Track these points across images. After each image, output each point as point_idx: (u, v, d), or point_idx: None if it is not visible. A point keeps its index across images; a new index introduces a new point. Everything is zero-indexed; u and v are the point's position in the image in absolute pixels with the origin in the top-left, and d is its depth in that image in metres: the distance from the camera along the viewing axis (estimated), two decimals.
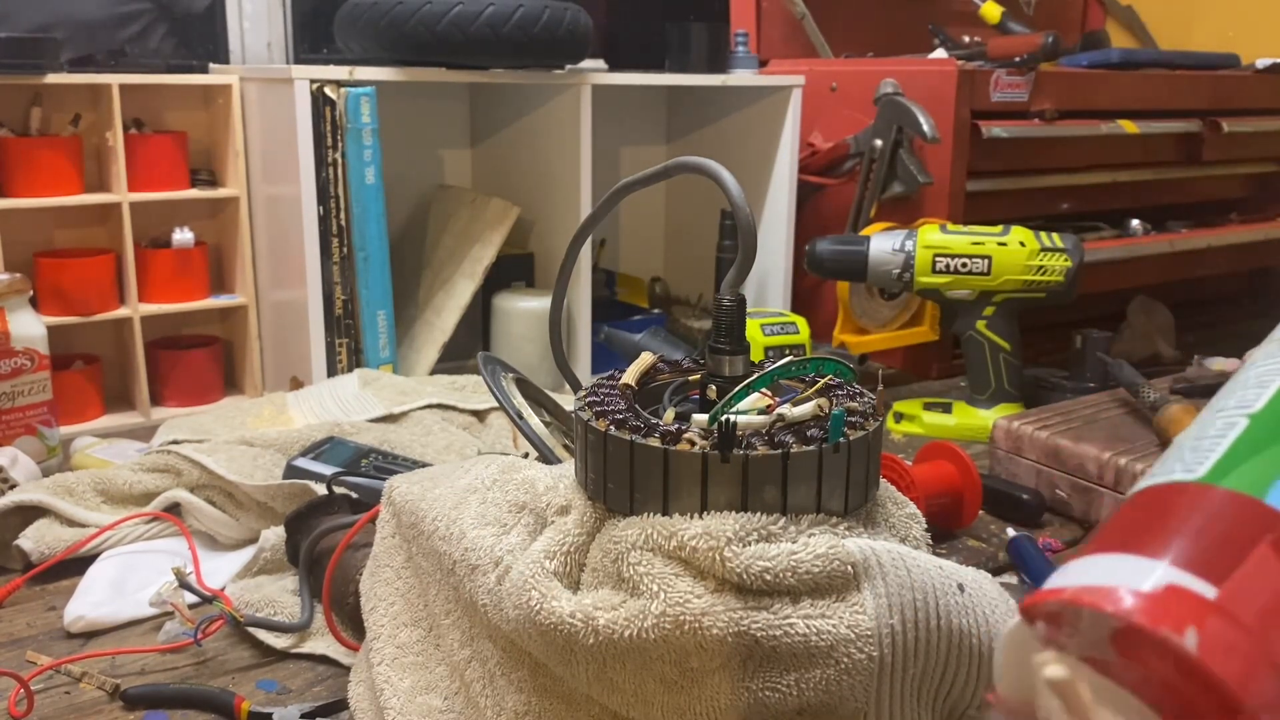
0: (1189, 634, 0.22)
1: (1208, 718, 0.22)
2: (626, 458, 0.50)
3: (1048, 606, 0.25)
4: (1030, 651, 0.26)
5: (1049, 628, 0.25)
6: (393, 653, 0.63)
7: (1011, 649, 0.27)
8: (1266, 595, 0.23)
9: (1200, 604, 0.23)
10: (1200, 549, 0.24)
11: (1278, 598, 0.23)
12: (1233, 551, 0.24)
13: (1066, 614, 0.24)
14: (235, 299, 1.43)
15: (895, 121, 1.45)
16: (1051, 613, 0.25)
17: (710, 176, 0.57)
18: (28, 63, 1.23)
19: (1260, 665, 0.22)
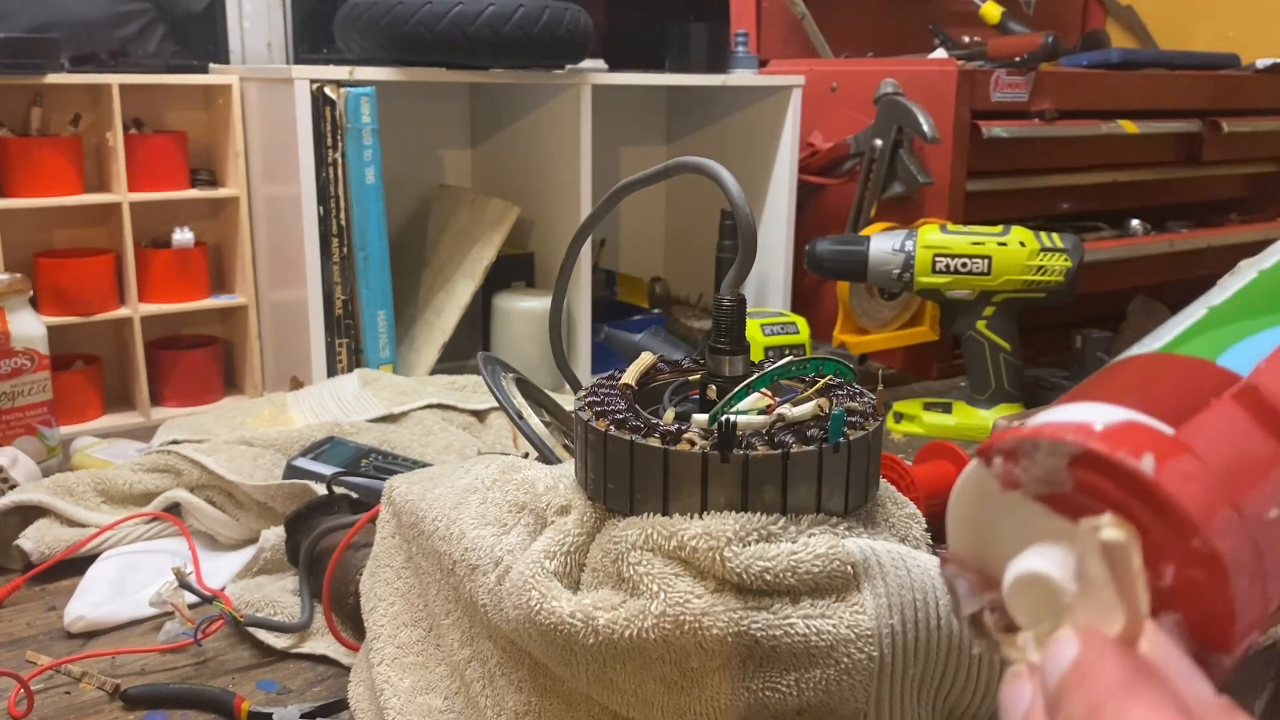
0: (1146, 459, 0.23)
1: (1164, 548, 0.22)
2: (626, 458, 0.50)
3: (1005, 443, 0.25)
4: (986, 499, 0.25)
5: (1006, 464, 0.25)
6: (393, 653, 0.63)
7: (965, 500, 0.27)
8: (1226, 440, 0.24)
9: (1158, 436, 0.23)
10: (1158, 397, 0.25)
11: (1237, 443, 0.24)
12: (1190, 401, 0.25)
13: (1024, 447, 0.24)
14: (235, 299, 1.43)
15: (895, 121, 1.45)
16: (1009, 449, 0.25)
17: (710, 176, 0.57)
18: (27, 62, 1.23)
19: (1217, 499, 0.23)
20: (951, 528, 0.27)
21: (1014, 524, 0.25)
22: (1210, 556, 0.22)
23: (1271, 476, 0.24)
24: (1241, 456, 0.24)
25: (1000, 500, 0.25)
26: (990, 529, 0.26)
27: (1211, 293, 0.32)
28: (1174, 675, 0.22)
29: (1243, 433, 0.24)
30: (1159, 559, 0.23)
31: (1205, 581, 0.22)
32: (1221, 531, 0.22)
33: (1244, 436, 0.24)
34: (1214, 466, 0.23)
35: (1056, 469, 0.24)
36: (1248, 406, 0.25)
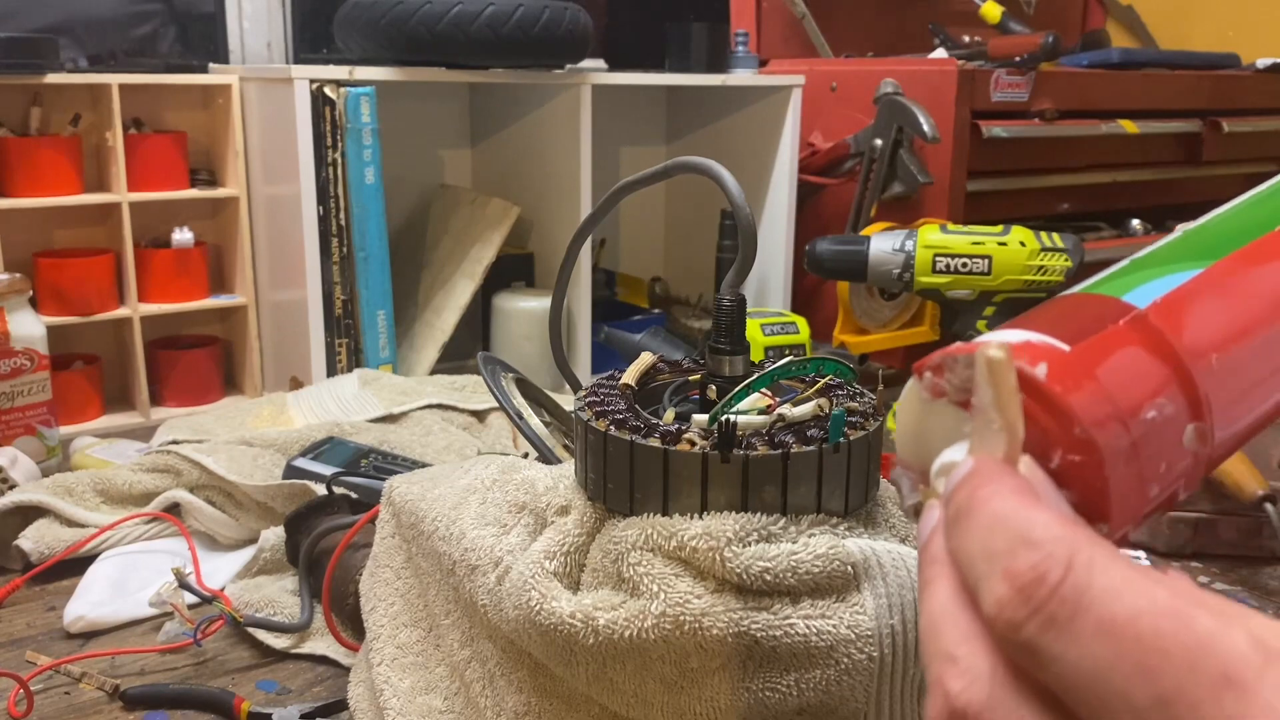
0: (1040, 367, 0.27)
1: (1051, 437, 0.27)
2: (626, 458, 0.50)
3: (933, 360, 0.30)
4: (920, 408, 0.31)
5: (933, 376, 0.30)
6: (393, 653, 0.63)
7: (905, 410, 0.31)
8: (1111, 354, 0.29)
9: (1054, 351, 0.28)
10: (1065, 325, 0.30)
11: (1121, 357, 0.29)
12: (1091, 328, 0.30)
13: (947, 362, 0.30)
14: (235, 299, 1.43)
15: (895, 121, 1.45)
16: (935, 364, 0.30)
17: (710, 176, 0.57)
18: (27, 63, 1.23)
19: (1097, 398, 0.27)
20: (897, 436, 0.32)
21: (942, 427, 0.30)
22: (1087, 442, 0.27)
23: (1149, 385, 0.29)
24: (1123, 367, 0.28)
25: (931, 408, 0.30)
26: (925, 433, 0.31)
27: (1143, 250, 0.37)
28: (1042, 491, 0.26)
29: (1127, 350, 0.29)
30: (1049, 446, 0.27)
31: (1084, 463, 0.27)
32: (1097, 423, 0.27)
33: (1129, 352, 0.29)
34: (1097, 373, 0.28)
35: (971, 377, 0.28)
36: (1136, 329, 0.30)
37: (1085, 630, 0.21)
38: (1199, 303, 0.31)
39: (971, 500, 0.25)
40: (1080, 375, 0.27)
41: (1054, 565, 0.22)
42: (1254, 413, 0.32)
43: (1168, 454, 0.29)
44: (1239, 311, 0.32)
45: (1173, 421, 0.29)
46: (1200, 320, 0.31)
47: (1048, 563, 0.22)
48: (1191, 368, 0.29)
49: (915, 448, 0.31)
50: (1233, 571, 0.90)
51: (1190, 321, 0.30)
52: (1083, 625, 0.21)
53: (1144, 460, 0.28)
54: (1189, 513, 0.92)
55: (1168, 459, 0.29)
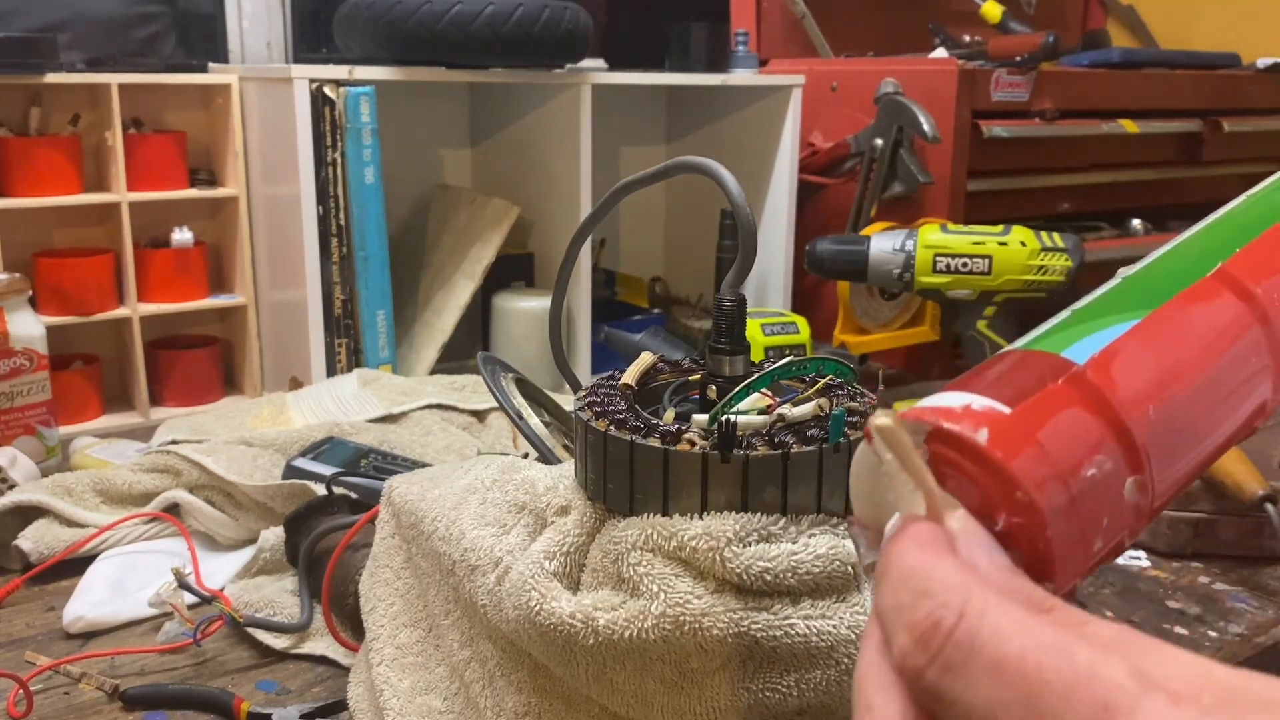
0: (981, 432, 0.28)
1: (995, 500, 0.28)
2: (626, 458, 0.50)
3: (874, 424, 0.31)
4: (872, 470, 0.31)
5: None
6: (392, 653, 0.62)
7: (858, 471, 0.32)
8: (1051, 415, 0.30)
9: (996, 415, 0.29)
10: (1006, 385, 0.31)
11: (1061, 417, 0.29)
12: (1029, 386, 0.31)
13: None
14: (234, 299, 1.43)
15: (896, 121, 1.45)
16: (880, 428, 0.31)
17: (710, 176, 0.57)
18: (27, 62, 1.23)
19: (1038, 460, 0.28)
20: (853, 496, 0.33)
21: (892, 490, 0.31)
22: (1029, 505, 0.28)
23: (1087, 443, 0.30)
24: (1062, 427, 0.29)
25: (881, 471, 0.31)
26: (878, 494, 0.31)
27: (1084, 298, 0.38)
28: (974, 545, 0.27)
29: (1066, 410, 0.30)
30: (993, 509, 0.28)
31: (1027, 525, 0.28)
32: (1038, 485, 0.28)
33: (1069, 412, 0.30)
34: (1037, 436, 0.29)
35: (918, 444, 0.29)
36: (1074, 387, 0.30)
37: (978, 671, 0.23)
38: (1133, 354, 0.32)
39: (887, 558, 0.27)
40: (1020, 439, 0.28)
41: (948, 613, 0.24)
42: (1193, 457, 0.33)
43: (1109, 509, 0.30)
44: (1172, 359, 0.33)
45: (1113, 476, 0.30)
46: (1135, 372, 0.32)
47: (942, 611, 0.24)
48: (1129, 422, 0.30)
49: (870, 506, 0.32)
50: (1233, 572, 0.90)
51: (1126, 375, 0.31)
52: (975, 667, 0.23)
53: (1085, 517, 0.29)
54: (1189, 513, 0.92)
55: (1110, 513, 0.30)
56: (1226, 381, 0.34)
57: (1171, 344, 0.33)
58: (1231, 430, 0.35)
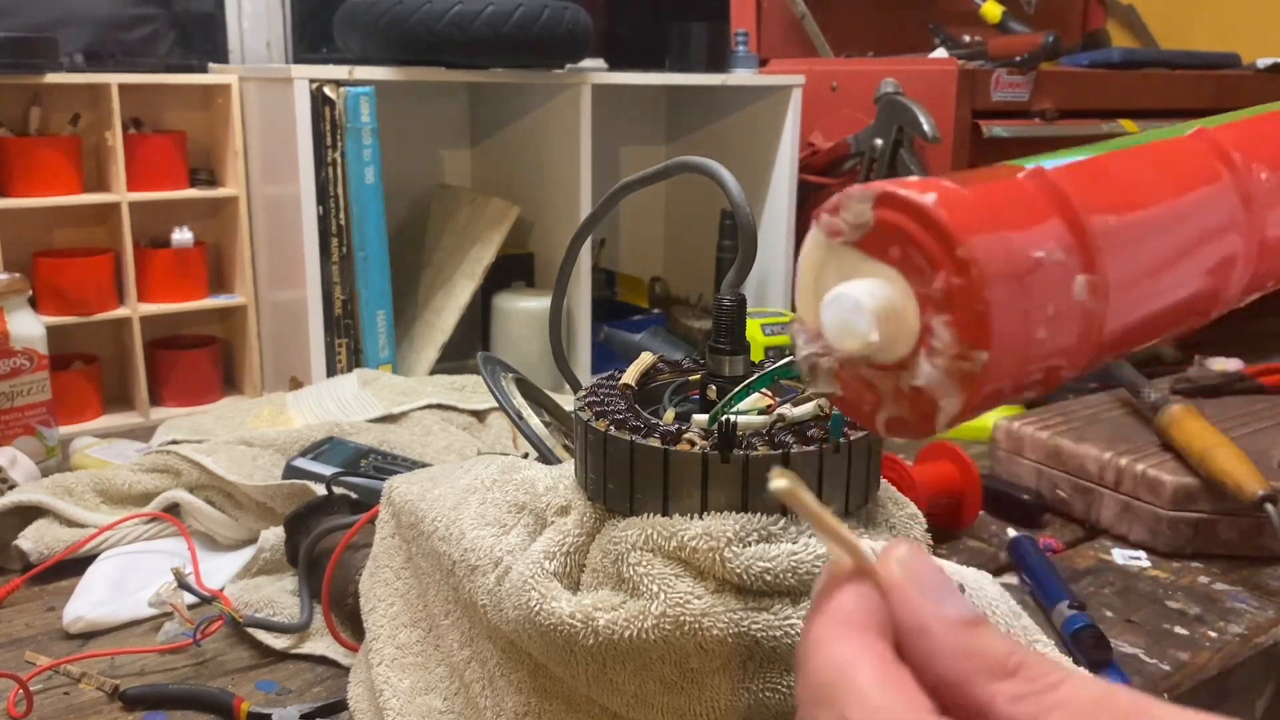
0: (929, 195, 0.28)
1: (935, 259, 0.27)
2: (626, 458, 0.50)
3: (830, 201, 0.30)
4: (820, 256, 0.31)
5: (830, 217, 0.30)
6: (392, 653, 0.62)
7: (807, 262, 0.32)
8: (1005, 198, 0.29)
9: (946, 187, 0.29)
10: (961, 179, 0.30)
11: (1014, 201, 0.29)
12: (990, 179, 0.30)
13: (843, 200, 0.30)
14: (234, 299, 1.43)
15: (896, 121, 1.45)
16: (833, 204, 0.30)
17: (710, 176, 0.57)
18: (26, 62, 1.23)
19: (982, 225, 0.27)
20: (798, 293, 0.32)
21: (838, 270, 0.30)
22: (967, 262, 0.27)
23: (1039, 226, 0.29)
24: (1015, 209, 0.29)
25: (829, 252, 0.31)
26: (823, 278, 0.31)
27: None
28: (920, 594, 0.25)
29: (1022, 193, 0.30)
30: (934, 268, 0.28)
31: (965, 285, 0.27)
32: (980, 247, 0.27)
33: (1022, 196, 0.30)
34: (986, 208, 0.28)
35: (864, 211, 0.29)
36: (1034, 180, 0.30)
37: None
38: (1098, 168, 0.32)
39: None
40: (968, 206, 0.28)
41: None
42: (1156, 292, 0.32)
43: (1056, 299, 0.29)
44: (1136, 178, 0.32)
45: (1062, 266, 0.29)
46: (1097, 182, 0.31)
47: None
48: (1083, 216, 0.30)
49: (814, 297, 0.31)
50: (1234, 572, 0.90)
51: (1085, 180, 0.31)
52: None
53: (1030, 297, 0.28)
54: (1189, 513, 0.92)
55: (1056, 304, 0.29)
56: (1192, 219, 0.33)
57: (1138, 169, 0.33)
58: (1198, 280, 0.34)
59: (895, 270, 0.29)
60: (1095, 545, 0.96)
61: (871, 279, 0.29)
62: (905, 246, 0.28)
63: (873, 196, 0.29)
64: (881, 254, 0.29)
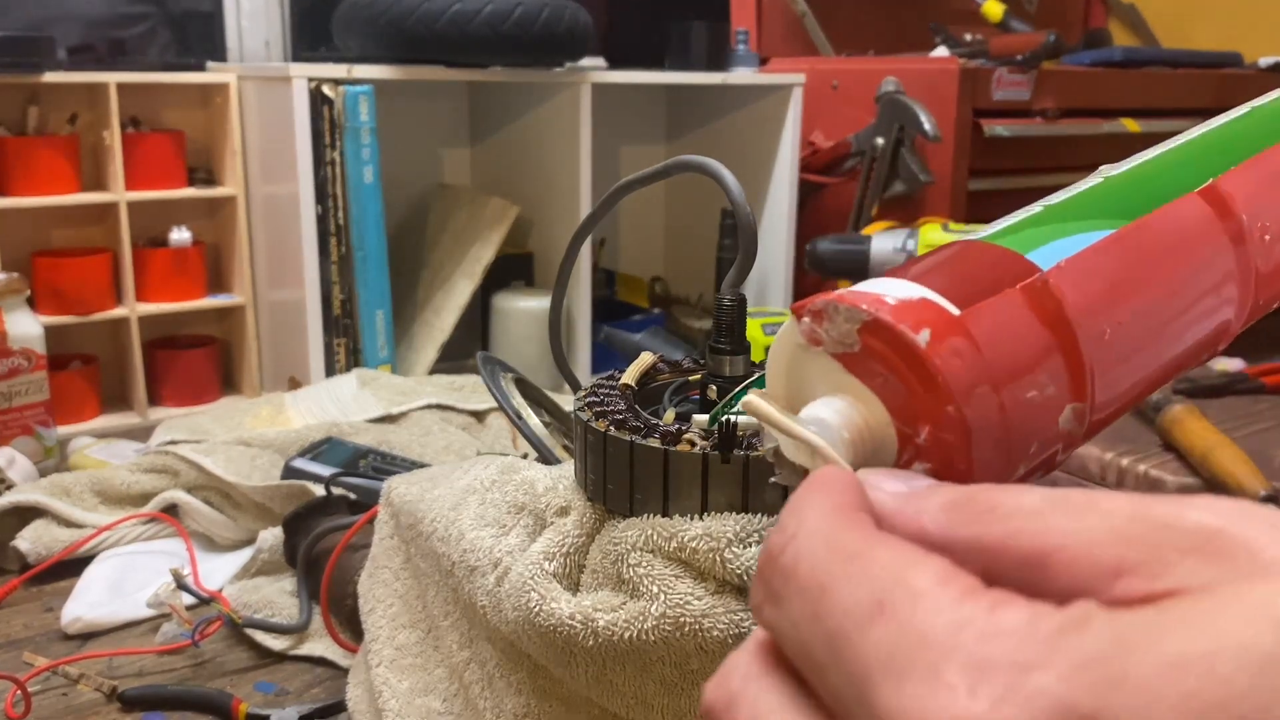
0: (923, 333, 0.26)
1: (923, 410, 0.26)
2: (626, 458, 0.49)
3: (814, 305, 0.28)
4: (795, 351, 0.29)
5: (812, 323, 0.28)
6: (391, 654, 0.62)
7: (780, 349, 0.30)
8: (1003, 325, 0.27)
9: (942, 314, 0.26)
10: (959, 280, 0.28)
11: (1013, 330, 0.27)
12: (984, 287, 0.28)
13: (827, 310, 0.28)
14: (233, 299, 1.42)
15: (897, 120, 1.45)
16: (816, 310, 0.28)
17: (711, 175, 0.56)
18: (24, 61, 1.23)
19: (978, 375, 0.26)
20: (769, 374, 0.31)
21: (815, 375, 0.29)
22: (959, 422, 0.25)
23: (1038, 364, 0.27)
24: (1013, 342, 0.27)
25: (806, 353, 0.29)
26: (797, 377, 0.30)
27: (1059, 192, 0.35)
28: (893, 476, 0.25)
29: (1021, 321, 0.27)
30: (919, 419, 0.26)
31: (952, 443, 0.26)
32: (973, 403, 0.26)
33: (1022, 324, 0.27)
34: (984, 347, 0.26)
35: (849, 333, 0.27)
36: (1032, 297, 0.28)
37: (792, 596, 0.21)
38: (1101, 270, 0.30)
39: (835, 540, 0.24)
40: (963, 348, 0.26)
41: (779, 540, 0.22)
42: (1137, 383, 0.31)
43: (1040, 434, 0.28)
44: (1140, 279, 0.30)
45: (1053, 400, 0.28)
46: (1099, 289, 0.29)
47: (777, 538, 0.22)
48: (1082, 345, 0.28)
49: (786, 388, 0.30)
50: None
51: (1088, 290, 0.29)
52: (791, 592, 0.22)
53: (1014, 441, 0.27)
54: None
55: (1040, 439, 0.28)
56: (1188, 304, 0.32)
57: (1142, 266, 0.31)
58: (1182, 355, 0.33)
59: (876, 397, 0.27)
60: None
61: (848, 400, 0.28)
62: (891, 383, 0.26)
63: (860, 320, 0.27)
64: (863, 376, 0.27)
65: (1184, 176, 0.34)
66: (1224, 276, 0.33)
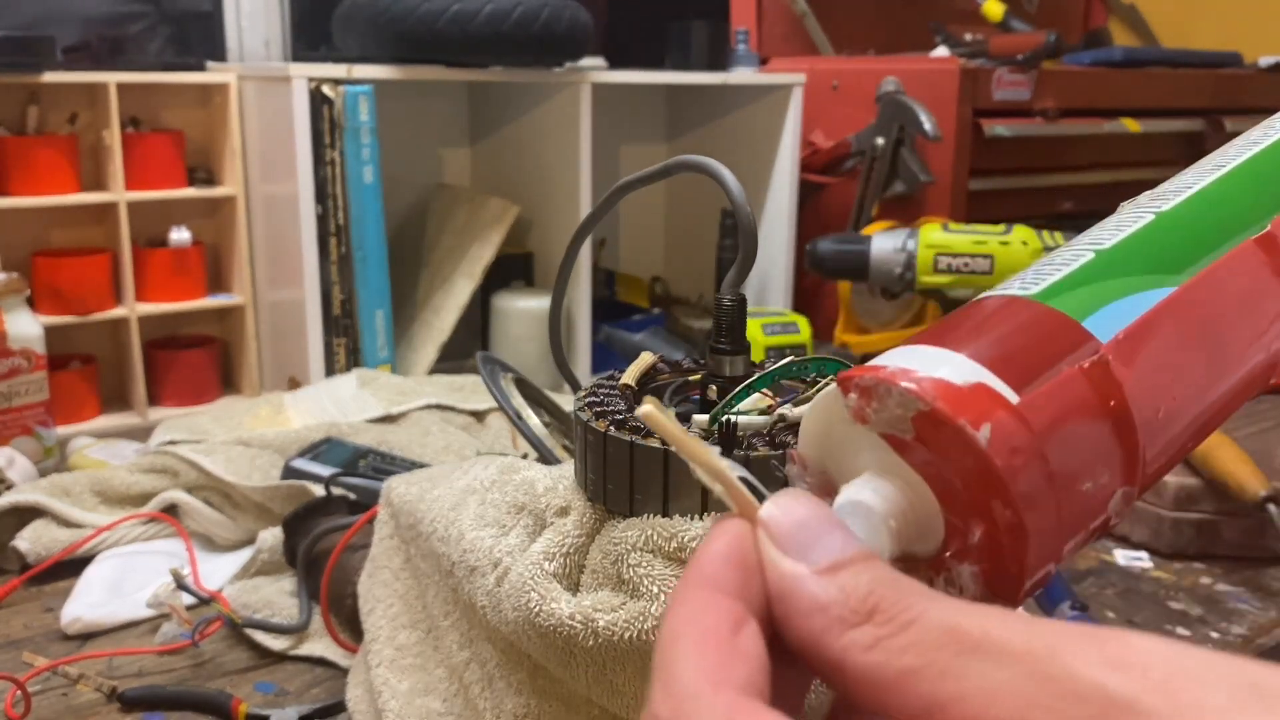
0: (984, 429, 0.24)
1: (980, 509, 0.25)
2: (626, 458, 0.49)
3: (864, 380, 0.26)
4: (838, 421, 0.27)
5: (860, 400, 0.26)
6: (391, 655, 0.62)
7: (819, 415, 0.28)
8: (1063, 414, 0.26)
9: (1001, 404, 0.25)
10: (1013, 355, 0.26)
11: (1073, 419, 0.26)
12: (1041, 362, 0.26)
13: (879, 389, 0.26)
14: (233, 298, 1.42)
15: (897, 120, 1.44)
16: (866, 386, 0.26)
17: (711, 175, 0.56)
18: (24, 61, 1.23)
19: (1038, 475, 0.25)
20: (803, 434, 0.29)
21: (857, 448, 0.27)
22: (1017, 527, 0.24)
23: (1097, 458, 0.26)
24: (1075, 437, 0.26)
25: (850, 425, 0.27)
26: (837, 446, 0.28)
27: (1106, 225, 0.33)
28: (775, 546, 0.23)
29: (1083, 411, 0.26)
30: (973, 515, 0.25)
31: (1008, 547, 0.24)
32: (1033, 506, 0.24)
33: (1083, 415, 0.26)
34: (1046, 444, 0.25)
35: (903, 419, 0.25)
36: (1093, 381, 0.26)
37: None
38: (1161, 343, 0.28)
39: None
40: (1026, 446, 0.25)
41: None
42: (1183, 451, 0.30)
43: (1090, 520, 0.27)
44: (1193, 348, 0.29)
45: (1105, 490, 0.27)
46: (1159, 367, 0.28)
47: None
48: (1139, 429, 0.27)
49: (823, 454, 0.28)
50: (1236, 573, 0.90)
51: (1149, 370, 0.28)
52: None
53: (1065, 533, 0.26)
54: (1192, 513, 0.92)
55: (1089, 525, 0.27)
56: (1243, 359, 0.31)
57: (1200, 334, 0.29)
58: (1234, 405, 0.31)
59: (926, 484, 0.25)
60: (1097, 546, 0.96)
61: (894, 484, 0.26)
62: (945, 472, 0.25)
63: (916, 409, 0.25)
64: (915, 462, 0.25)
65: (1238, 212, 0.32)
66: (1275, 317, 0.32)
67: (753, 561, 0.23)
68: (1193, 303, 0.29)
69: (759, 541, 0.24)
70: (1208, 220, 0.32)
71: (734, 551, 0.23)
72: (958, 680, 0.19)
